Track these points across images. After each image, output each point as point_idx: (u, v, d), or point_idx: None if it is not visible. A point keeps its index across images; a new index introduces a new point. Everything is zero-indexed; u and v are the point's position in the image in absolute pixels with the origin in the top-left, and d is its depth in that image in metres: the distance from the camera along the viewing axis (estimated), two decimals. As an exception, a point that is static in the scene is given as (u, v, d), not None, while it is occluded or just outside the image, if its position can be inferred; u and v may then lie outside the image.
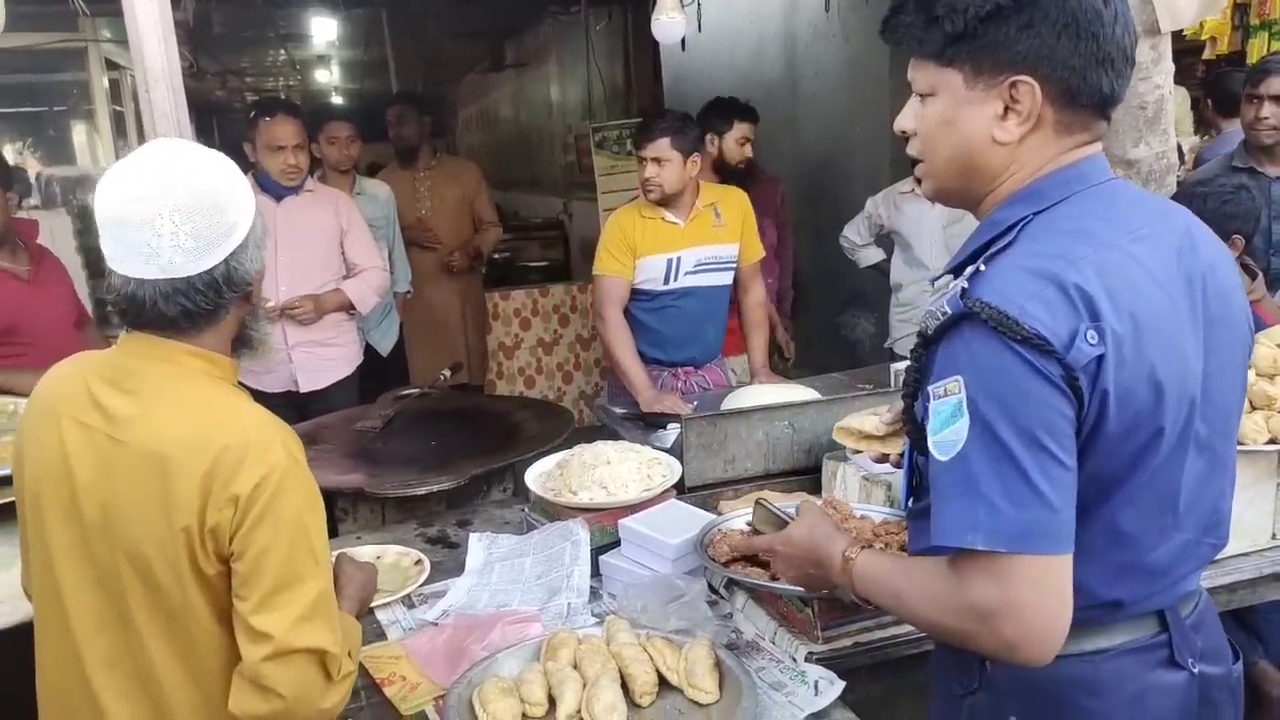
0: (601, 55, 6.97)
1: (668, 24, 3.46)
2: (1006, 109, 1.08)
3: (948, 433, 1.02)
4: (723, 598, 1.77)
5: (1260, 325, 2.17)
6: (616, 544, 1.88)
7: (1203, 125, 4.75)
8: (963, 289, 1.04)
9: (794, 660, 1.56)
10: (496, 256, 7.79)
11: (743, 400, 2.52)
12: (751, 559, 1.69)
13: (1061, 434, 1.00)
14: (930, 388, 1.06)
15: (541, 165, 9.81)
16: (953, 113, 1.11)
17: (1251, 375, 1.93)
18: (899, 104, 1.20)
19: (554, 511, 1.97)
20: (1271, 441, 1.79)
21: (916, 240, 3.73)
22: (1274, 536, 1.87)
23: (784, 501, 2.00)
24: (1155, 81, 2.50)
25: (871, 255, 3.99)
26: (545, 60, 9.00)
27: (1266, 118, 2.97)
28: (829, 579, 1.29)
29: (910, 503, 1.26)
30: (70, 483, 1.24)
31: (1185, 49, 4.08)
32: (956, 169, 1.14)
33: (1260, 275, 2.52)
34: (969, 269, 1.07)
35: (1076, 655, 1.11)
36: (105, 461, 1.22)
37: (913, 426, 1.14)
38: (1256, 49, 3.92)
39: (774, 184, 4.34)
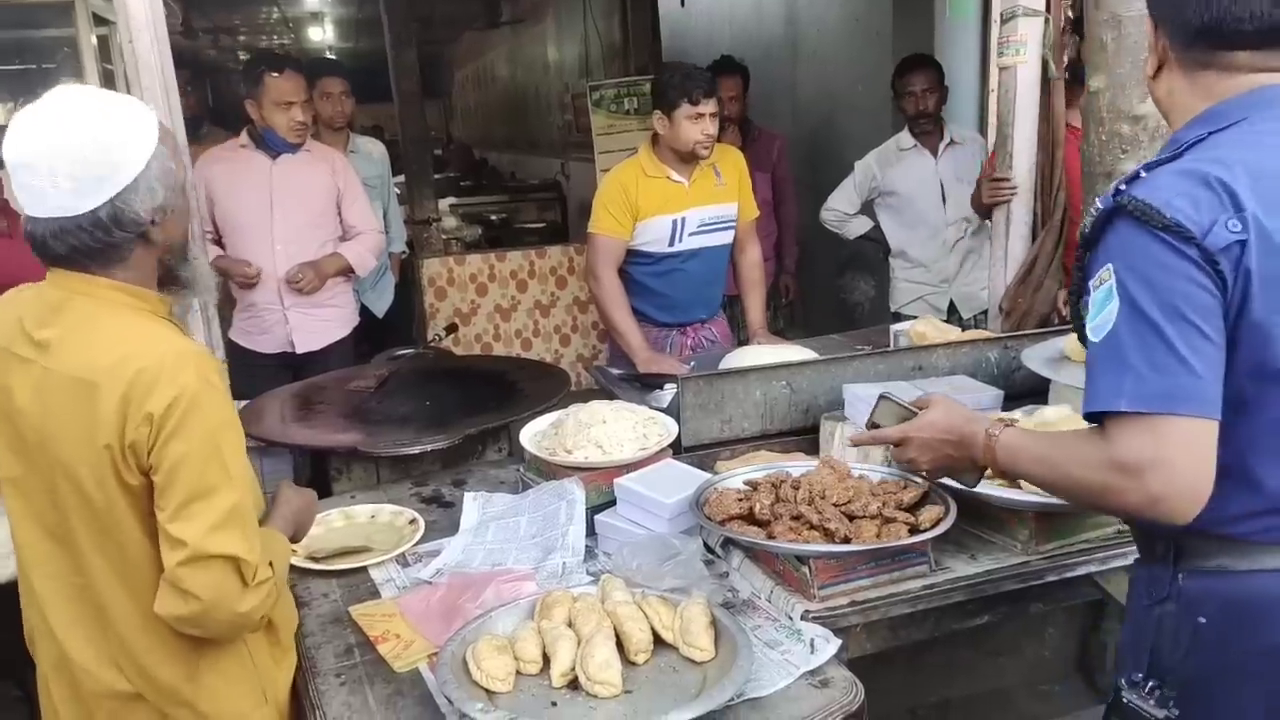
0: (599, 12, 6.85)
1: (665, -24, 3.37)
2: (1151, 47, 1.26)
3: (1101, 317, 1.13)
4: (719, 557, 1.76)
5: None
6: (612, 503, 1.87)
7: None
8: (1117, 188, 1.14)
9: (790, 618, 1.55)
10: (493, 218, 7.75)
11: (740, 360, 2.50)
12: (748, 518, 1.68)
13: (1205, 309, 1.08)
14: (1090, 282, 1.17)
15: (539, 126, 9.70)
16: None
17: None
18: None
19: (549, 471, 1.96)
20: None
21: (920, 197, 3.68)
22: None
23: (785, 460, 1.99)
24: (1164, 35, 2.45)
25: (860, 225, 3.90)
26: (542, 17, 8.86)
27: None
28: (969, 457, 1.40)
29: None
30: (12, 412, 1.33)
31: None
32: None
33: None
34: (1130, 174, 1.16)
35: (1269, 570, 1.16)
36: (38, 389, 1.31)
37: (1079, 325, 1.22)
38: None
39: (770, 139, 4.27)
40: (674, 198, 2.96)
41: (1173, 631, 1.20)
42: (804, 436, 2.26)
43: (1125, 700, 1.22)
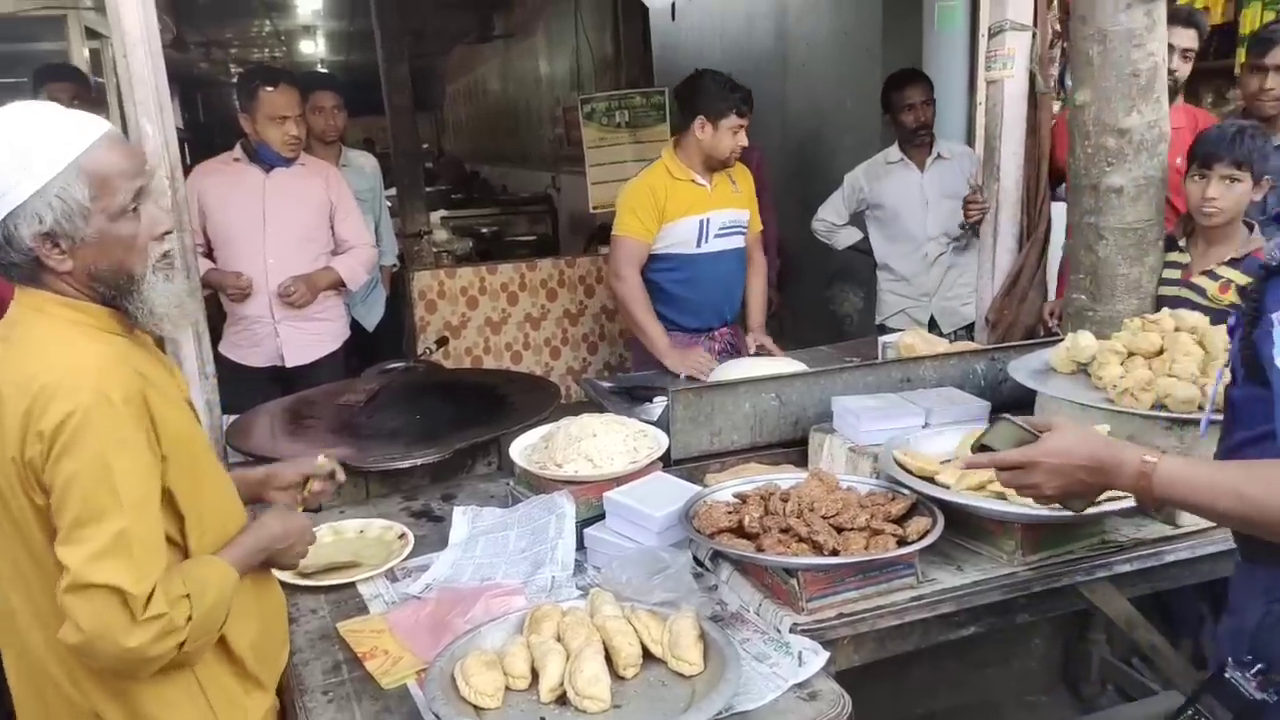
0: (590, 25, 6.89)
1: (656, -9, 3.40)
2: None
3: None
4: (708, 570, 1.77)
5: None
6: (602, 517, 1.87)
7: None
8: None
9: (778, 631, 1.55)
10: (484, 231, 7.76)
11: (730, 373, 2.51)
12: (737, 531, 1.69)
13: None
14: (1274, 313, 1.20)
15: (530, 139, 9.73)
16: None
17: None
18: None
19: (539, 484, 1.96)
20: None
21: (904, 210, 3.71)
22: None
23: (774, 472, 2.00)
24: (1149, 49, 2.47)
25: (849, 236, 3.95)
26: (533, 31, 8.90)
27: (1272, 88, 2.82)
28: (1105, 484, 1.36)
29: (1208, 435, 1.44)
30: None
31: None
32: None
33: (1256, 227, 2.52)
34: None
35: None
36: None
37: (1250, 353, 1.26)
38: (1249, 19, 3.88)
39: (749, 151, 4.29)
40: (700, 200, 3.11)
41: None
42: (793, 449, 2.27)
43: (1228, 676, 1.27)
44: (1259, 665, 1.25)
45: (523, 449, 2.06)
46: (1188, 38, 2.88)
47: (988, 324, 3.09)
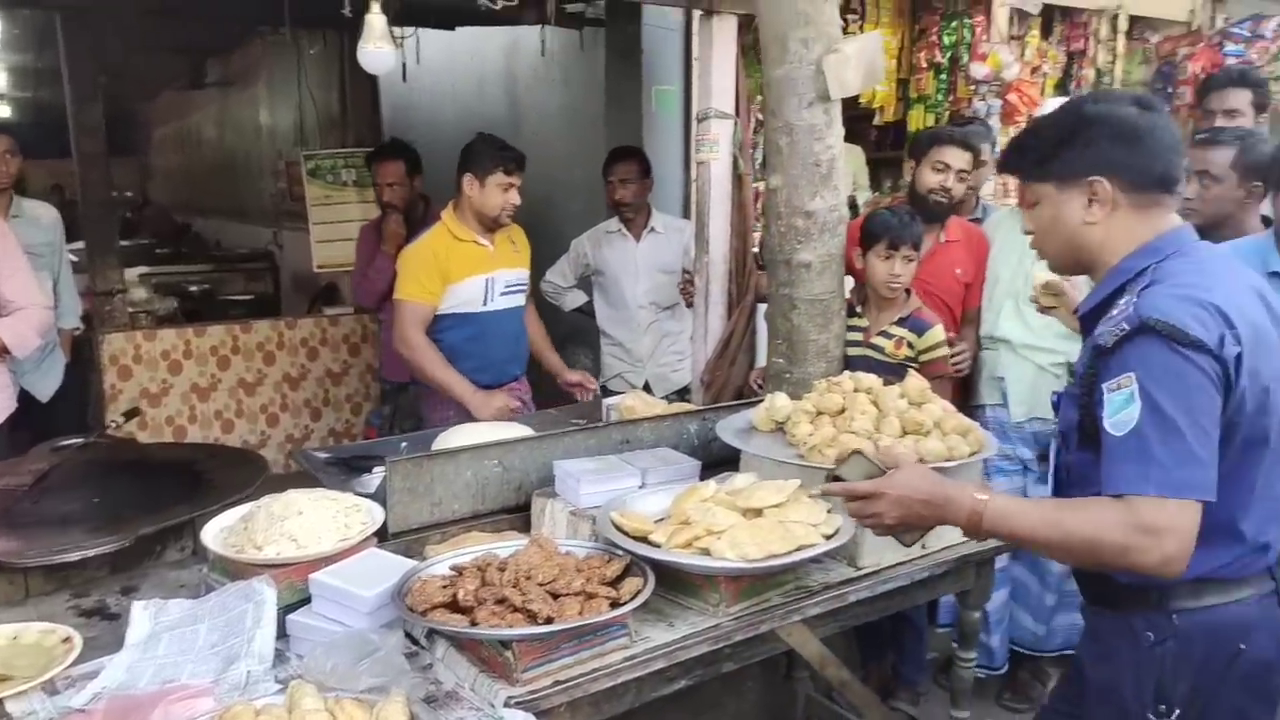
0: (315, 80, 6.65)
1: (375, 53, 3.33)
2: (1090, 200, 1.53)
3: (1121, 415, 1.39)
4: (425, 648, 1.70)
5: None
6: (308, 601, 1.75)
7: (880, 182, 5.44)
8: (1135, 305, 1.42)
9: (492, 706, 1.52)
10: (194, 289, 7.16)
11: (452, 440, 2.47)
12: (451, 605, 1.64)
13: (1212, 413, 1.39)
14: (1105, 385, 1.42)
15: (249, 192, 9.16)
16: (1054, 211, 1.56)
17: (903, 403, 2.17)
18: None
19: (236, 570, 1.80)
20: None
21: (622, 278, 3.90)
22: (922, 547, 2.11)
23: (496, 540, 1.98)
24: (828, 142, 2.78)
25: (575, 298, 4.13)
26: (253, 81, 8.44)
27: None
28: (939, 518, 1.53)
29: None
30: None
31: (860, 115, 4.62)
32: (1068, 250, 1.59)
33: None
34: (1122, 300, 1.46)
35: (1237, 601, 1.48)
36: None
37: (1090, 418, 1.48)
38: (915, 118, 4.55)
39: None
40: (483, 260, 3.16)
41: (1174, 665, 1.47)
42: (517, 514, 2.25)
43: None
44: (1162, 706, 1.47)
45: (217, 532, 1.88)
46: (963, 160, 3.01)
47: (703, 385, 3.28)
